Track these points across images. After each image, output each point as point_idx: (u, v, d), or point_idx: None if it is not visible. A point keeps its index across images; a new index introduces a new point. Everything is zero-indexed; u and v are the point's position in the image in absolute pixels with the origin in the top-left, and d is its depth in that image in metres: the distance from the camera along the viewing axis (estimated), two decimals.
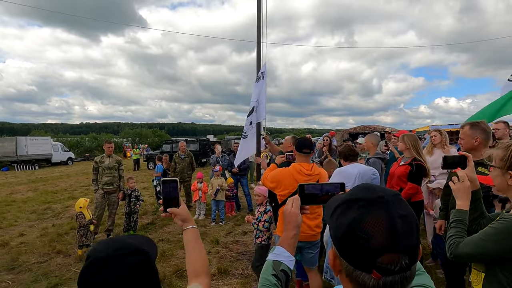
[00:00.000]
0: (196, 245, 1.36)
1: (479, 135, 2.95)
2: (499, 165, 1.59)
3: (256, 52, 5.17)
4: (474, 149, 2.92)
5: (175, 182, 1.37)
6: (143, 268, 0.95)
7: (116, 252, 0.94)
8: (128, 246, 0.98)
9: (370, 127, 27.23)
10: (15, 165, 24.30)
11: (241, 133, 5.33)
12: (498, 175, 1.61)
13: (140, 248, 0.99)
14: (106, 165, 6.49)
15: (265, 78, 5.01)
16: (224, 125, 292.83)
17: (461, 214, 1.69)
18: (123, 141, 44.50)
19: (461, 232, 1.64)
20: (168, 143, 22.53)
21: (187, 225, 1.38)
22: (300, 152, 3.38)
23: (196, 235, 1.38)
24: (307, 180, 3.26)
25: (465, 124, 3.08)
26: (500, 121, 5.11)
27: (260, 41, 5.13)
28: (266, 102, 5.05)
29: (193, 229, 1.38)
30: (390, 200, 0.71)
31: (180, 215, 1.38)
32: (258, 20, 5.16)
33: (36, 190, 13.37)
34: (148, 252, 1.00)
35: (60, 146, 28.61)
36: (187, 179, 8.85)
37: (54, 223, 7.93)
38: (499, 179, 1.61)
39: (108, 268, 0.90)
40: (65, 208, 9.63)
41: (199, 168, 18.74)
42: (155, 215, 8.45)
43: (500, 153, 1.60)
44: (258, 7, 5.16)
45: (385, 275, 0.67)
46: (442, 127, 16.80)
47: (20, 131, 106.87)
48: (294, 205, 1.21)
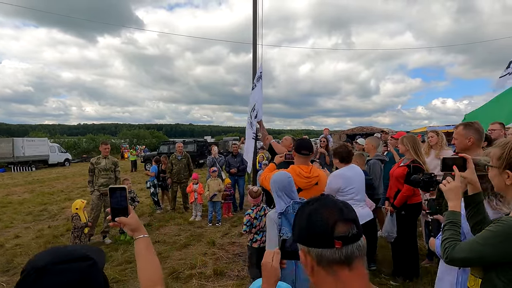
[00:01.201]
0: (148, 255, 1.28)
1: (472, 135, 2.95)
2: (497, 165, 1.53)
3: (252, 53, 5.18)
4: (468, 149, 2.91)
5: (123, 190, 1.31)
6: (86, 277, 0.89)
7: (54, 261, 0.87)
8: (68, 254, 0.92)
9: (367, 128, 27.29)
10: (11, 166, 24.19)
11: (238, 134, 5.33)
12: (495, 174, 1.55)
13: (82, 255, 0.93)
14: (102, 166, 6.47)
15: (262, 78, 5.01)
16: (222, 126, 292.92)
17: (454, 216, 1.64)
18: (120, 142, 44.38)
19: (456, 235, 1.58)
20: (166, 144, 22.50)
21: (137, 235, 1.30)
22: (299, 154, 3.32)
23: (147, 244, 1.30)
24: (306, 182, 3.21)
25: (459, 124, 3.07)
26: (496, 122, 5.12)
27: (256, 42, 5.14)
28: (264, 103, 5.06)
29: (144, 238, 1.31)
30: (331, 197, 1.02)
31: (129, 224, 1.30)
32: (254, 22, 5.16)
33: (32, 192, 13.31)
34: (93, 259, 0.94)
35: (57, 147, 28.51)
36: (183, 180, 8.82)
37: (50, 224, 7.89)
38: (497, 179, 1.55)
39: (43, 280, 0.84)
40: (61, 210, 9.59)
41: (197, 169, 18.75)
42: (152, 216, 8.43)
43: (497, 152, 1.54)
44: (254, 10, 5.16)
45: (344, 243, 0.88)
46: (439, 128, 16.84)
47: (17, 132, 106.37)
48: (275, 259, 1.21)
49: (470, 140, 2.95)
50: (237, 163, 9.07)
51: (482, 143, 3.04)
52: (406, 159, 4.08)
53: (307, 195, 3.26)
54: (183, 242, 6.21)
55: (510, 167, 1.47)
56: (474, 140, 2.93)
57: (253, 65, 5.15)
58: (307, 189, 3.24)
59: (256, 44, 5.14)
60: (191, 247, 5.96)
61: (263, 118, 5.05)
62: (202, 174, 13.95)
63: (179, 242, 6.20)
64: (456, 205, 1.66)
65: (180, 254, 5.65)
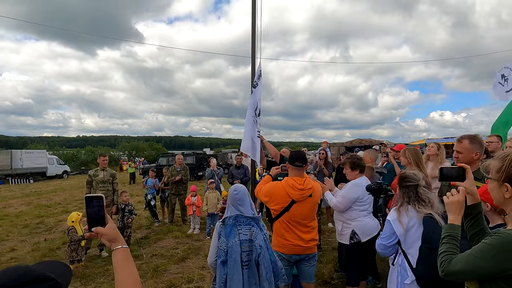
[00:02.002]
0: (126, 267, 1.22)
1: (478, 150, 2.88)
2: (496, 177, 1.50)
3: (251, 66, 5.21)
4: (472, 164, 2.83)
5: (100, 198, 1.26)
6: None
7: (13, 283, 0.82)
8: (28, 273, 0.86)
9: (366, 141, 27.35)
10: (9, 178, 24.07)
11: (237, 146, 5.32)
12: (494, 187, 1.52)
13: (43, 276, 0.87)
14: (100, 178, 6.44)
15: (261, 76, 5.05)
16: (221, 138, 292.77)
17: (453, 230, 1.61)
18: (119, 154, 44.29)
19: (453, 248, 1.56)
20: (165, 156, 22.48)
21: (115, 245, 1.25)
22: (293, 165, 3.33)
23: (126, 256, 1.24)
24: (300, 194, 3.23)
25: (465, 137, 2.95)
26: (493, 135, 5.13)
27: (255, 56, 5.17)
28: (262, 115, 5.06)
29: (122, 249, 1.25)
30: None
31: (107, 234, 1.24)
32: (253, 35, 5.21)
33: (29, 204, 13.21)
34: (54, 279, 0.88)
35: (55, 160, 28.46)
36: (182, 192, 8.78)
37: (46, 237, 7.80)
38: (496, 192, 1.52)
39: None
40: (58, 222, 9.50)
41: (195, 182, 18.66)
42: (149, 229, 8.35)
43: (496, 164, 1.51)
44: (253, 23, 5.22)
45: None
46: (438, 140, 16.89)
47: (15, 144, 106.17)
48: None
49: (476, 154, 2.89)
50: (240, 175, 9.04)
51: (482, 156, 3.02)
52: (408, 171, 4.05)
53: (301, 206, 3.26)
54: (180, 255, 6.13)
55: (509, 180, 1.45)
56: (479, 155, 2.88)
57: (252, 79, 5.17)
58: (301, 201, 3.24)
59: (255, 58, 5.18)
60: (189, 261, 5.89)
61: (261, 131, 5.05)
62: (201, 186, 13.88)
63: (177, 256, 6.13)
64: (456, 219, 1.64)
65: (178, 267, 5.57)
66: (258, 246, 2.54)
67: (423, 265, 2.31)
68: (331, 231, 7.31)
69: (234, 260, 2.48)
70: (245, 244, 2.54)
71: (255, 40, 5.23)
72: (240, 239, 2.53)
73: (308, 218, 3.32)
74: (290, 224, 3.26)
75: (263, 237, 2.62)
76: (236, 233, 2.55)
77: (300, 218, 3.26)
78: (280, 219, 3.29)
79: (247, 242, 2.55)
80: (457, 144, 2.98)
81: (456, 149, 2.99)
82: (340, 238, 3.90)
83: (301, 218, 3.26)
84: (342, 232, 3.82)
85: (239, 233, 2.55)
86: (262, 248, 2.55)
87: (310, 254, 3.36)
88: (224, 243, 2.53)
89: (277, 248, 3.30)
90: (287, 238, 3.26)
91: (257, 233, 2.59)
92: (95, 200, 1.26)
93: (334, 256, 5.54)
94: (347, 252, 3.87)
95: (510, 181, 1.45)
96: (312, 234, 3.35)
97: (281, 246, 3.29)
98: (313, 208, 3.38)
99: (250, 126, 4.88)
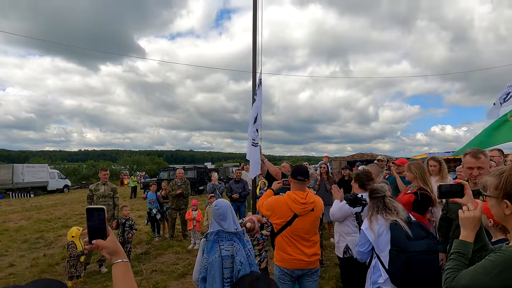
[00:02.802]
0: (126, 281, 1.19)
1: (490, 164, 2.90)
2: (494, 194, 1.48)
3: (252, 81, 5.27)
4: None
5: (101, 210, 1.23)
6: None
7: None
8: None
9: (368, 155, 27.27)
10: (10, 193, 24.00)
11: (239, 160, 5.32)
12: (494, 204, 1.50)
13: None
14: (101, 193, 6.42)
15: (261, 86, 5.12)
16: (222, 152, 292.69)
17: (464, 247, 1.56)
18: (120, 168, 44.28)
19: (460, 266, 1.52)
20: (166, 171, 22.44)
21: (116, 259, 1.22)
22: (295, 179, 3.32)
23: (126, 270, 1.21)
24: (302, 208, 3.21)
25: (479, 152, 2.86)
26: (495, 149, 5.11)
27: (256, 71, 5.23)
28: (264, 129, 5.11)
29: (123, 263, 1.22)
30: None
31: (107, 247, 1.21)
32: (254, 50, 5.29)
33: (29, 219, 13.14)
34: None
35: (57, 174, 28.43)
36: (183, 207, 8.72)
37: (46, 253, 7.74)
38: (495, 209, 1.50)
39: None
40: (58, 237, 9.43)
41: (197, 196, 18.58)
42: (149, 244, 8.27)
43: (494, 181, 1.49)
44: (254, 39, 5.30)
45: None
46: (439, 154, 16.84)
47: (17, 159, 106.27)
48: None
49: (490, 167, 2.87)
50: (239, 189, 9.00)
51: None
52: (413, 186, 4.00)
53: (303, 221, 3.24)
54: (180, 271, 6.06)
55: (508, 197, 1.43)
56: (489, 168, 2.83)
57: (253, 93, 5.22)
58: (303, 215, 3.22)
59: (256, 73, 5.24)
60: (189, 277, 5.80)
61: (261, 144, 5.07)
62: (202, 201, 13.82)
63: (177, 271, 6.05)
64: (469, 235, 1.58)
65: (178, 284, 5.49)
66: (239, 262, 2.49)
67: (394, 266, 2.60)
68: (333, 246, 7.21)
69: (212, 277, 2.44)
70: (227, 260, 2.50)
71: (256, 55, 5.30)
72: (221, 255, 2.49)
73: (310, 232, 3.30)
74: (292, 238, 3.23)
75: (246, 253, 2.57)
76: (217, 249, 2.51)
77: (302, 232, 3.24)
78: (282, 233, 3.27)
79: (229, 258, 2.50)
80: (475, 161, 2.83)
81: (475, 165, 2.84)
82: (336, 250, 3.93)
83: (303, 232, 3.24)
84: (338, 245, 3.85)
85: (220, 249, 2.51)
86: (242, 265, 2.49)
87: (312, 269, 3.32)
88: (205, 259, 2.50)
89: (279, 263, 3.27)
90: (289, 253, 3.23)
91: (239, 248, 2.55)
92: (96, 212, 1.23)
93: (336, 272, 5.46)
94: (341, 267, 3.91)
95: (509, 198, 1.43)
96: (314, 249, 3.32)
97: (283, 260, 3.26)
98: (315, 222, 3.37)
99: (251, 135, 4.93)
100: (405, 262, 2.50)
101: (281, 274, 3.27)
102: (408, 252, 2.50)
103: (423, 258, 2.50)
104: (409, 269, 2.48)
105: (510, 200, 1.43)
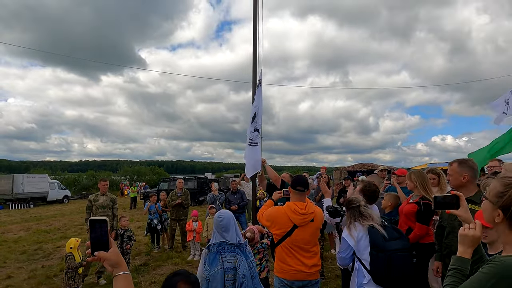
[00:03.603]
0: None
1: (466, 172, 2.96)
2: (493, 200, 1.48)
3: (252, 92, 5.29)
4: (462, 186, 2.93)
5: (104, 222, 1.25)
6: None
7: None
8: None
9: (369, 165, 27.20)
10: (9, 203, 23.89)
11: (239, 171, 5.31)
12: (488, 208, 1.51)
13: None
14: (100, 203, 6.39)
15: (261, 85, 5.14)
16: (223, 162, 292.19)
17: (461, 263, 1.55)
18: (121, 179, 44.17)
19: (458, 282, 1.51)
20: (166, 181, 22.39)
21: (117, 271, 1.21)
22: (295, 190, 3.31)
23: (128, 283, 1.20)
24: (301, 219, 3.19)
25: (454, 161, 3.07)
26: (495, 159, 5.12)
27: (256, 82, 5.26)
28: (264, 140, 5.08)
29: (124, 275, 1.21)
30: None
31: (109, 259, 1.21)
32: (254, 62, 5.33)
33: (28, 230, 13.07)
34: None
35: (57, 184, 28.32)
36: (182, 217, 8.67)
37: (44, 264, 7.66)
38: (488, 213, 1.51)
39: None
40: (56, 248, 9.36)
41: (197, 207, 18.48)
42: (148, 255, 8.20)
43: (498, 188, 1.48)
44: (254, 50, 5.35)
45: None
46: (440, 165, 16.80)
47: (18, 169, 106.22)
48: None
49: (464, 177, 2.97)
50: (237, 200, 8.96)
51: (476, 180, 3.05)
52: (415, 195, 3.95)
53: (303, 231, 3.22)
54: None
55: (504, 209, 1.44)
56: (469, 177, 2.95)
57: (253, 103, 5.24)
58: (303, 225, 3.20)
59: (255, 83, 5.26)
60: None
61: (262, 154, 5.05)
62: (202, 211, 13.74)
63: None
64: (466, 251, 1.57)
65: None
66: (242, 275, 2.46)
67: (374, 265, 2.85)
68: (334, 257, 7.15)
69: None
70: (229, 272, 2.47)
71: (256, 66, 5.34)
72: (224, 267, 2.46)
73: (310, 243, 3.27)
74: (292, 249, 3.21)
75: (249, 265, 2.54)
76: (219, 261, 2.48)
77: (302, 243, 3.21)
78: (282, 244, 3.24)
79: (231, 271, 2.48)
80: (448, 167, 3.16)
81: (448, 171, 3.14)
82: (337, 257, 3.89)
83: (303, 243, 3.21)
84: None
85: (223, 261, 2.48)
86: (245, 277, 2.46)
87: (312, 280, 3.28)
88: (207, 270, 2.47)
89: (279, 274, 3.24)
90: (289, 264, 3.20)
91: (241, 260, 2.51)
92: (99, 224, 1.24)
93: (337, 284, 5.40)
94: (343, 279, 3.94)
95: (504, 210, 1.44)
96: (314, 260, 3.29)
97: (283, 271, 3.22)
98: (315, 233, 3.34)
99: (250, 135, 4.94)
100: (385, 260, 2.79)
101: (281, 286, 3.23)
102: (387, 251, 2.80)
103: (400, 255, 2.82)
104: (389, 266, 2.77)
105: (504, 212, 1.44)
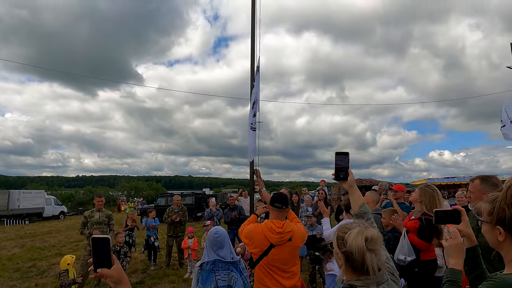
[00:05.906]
0: None
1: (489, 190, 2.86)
2: (488, 220, 1.48)
3: (250, 107, 5.33)
4: None
5: (106, 240, 1.26)
6: None
7: None
8: None
9: (367, 181, 27.14)
10: (4, 219, 23.58)
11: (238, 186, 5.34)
12: (487, 230, 1.50)
13: None
14: (95, 219, 6.31)
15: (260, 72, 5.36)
16: (221, 178, 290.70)
17: (454, 275, 1.55)
18: (118, 194, 43.82)
19: None
20: (163, 197, 22.20)
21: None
22: (273, 207, 3.12)
23: None
24: (278, 238, 3.01)
25: (477, 177, 2.94)
26: None
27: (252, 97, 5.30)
28: (262, 155, 5.17)
29: None
30: None
31: (112, 276, 1.22)
32: (252, 78, 5.38)
33: (23, 246, 12.85)
34: None
35: (53, 200, 28.07)
36: (180, 234, 8.56)
37: (38, 282, 7.51)
38: (489, 235, 1.49)
39: None
40: (51, 266, 9.18)
41: (194, 223, 18.29)
42: (145, 273, 8.05)
43: (487, 207, 1.49)
44: (252, 65, 5.41)
45: None
46: (438, 180, 16.80)
47: (14, 184, 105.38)
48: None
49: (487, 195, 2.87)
50: (235, 216, 8.88)
51: None
52: (417, 211, 3.89)
53: (280, 251, 3.03)
54: None
55: (501, 223, 1.42)
56: None
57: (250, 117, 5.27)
58: (280, 244, 3.02)
59: (253, 99, 5.30)
60: None
61: (260, 169, 5.04)
62: (200, 227, 13.58)
63: None
64: (457, 263, 1.57)
65: None
66: None
67: None
68: None
69: None
70: None
71: (253, 81, 5.39)
72: (218, 285, 2.40)
73: (289, 263, 3.10)
74: (269, 269, 3.03)
75: (243, 281, 2.50)
76: (213, 279, 2.42)
77: (280, 263, 3.04)
78: (259, 263, 3.06)
79: None
80: (470, 183, 3.01)
81: (469, 188, 3.02)
82: None
83: (280, 263, 3.04)
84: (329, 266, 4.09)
85: (216, 280, 2.42)
86: None
87: None
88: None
89: None
90: (267, 284, 3.02)
91: (237, 278, 2.47)
92: (100, 241, 1.25)
93: None
94: None
95: (501, 224, 1.42)
96: (293, 280, 3.10)
97: None
98: (293, 252, 3.16)
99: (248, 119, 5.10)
100: None
101: None
102: None
103: None
104: None
105: (503, 226, 1.41)
